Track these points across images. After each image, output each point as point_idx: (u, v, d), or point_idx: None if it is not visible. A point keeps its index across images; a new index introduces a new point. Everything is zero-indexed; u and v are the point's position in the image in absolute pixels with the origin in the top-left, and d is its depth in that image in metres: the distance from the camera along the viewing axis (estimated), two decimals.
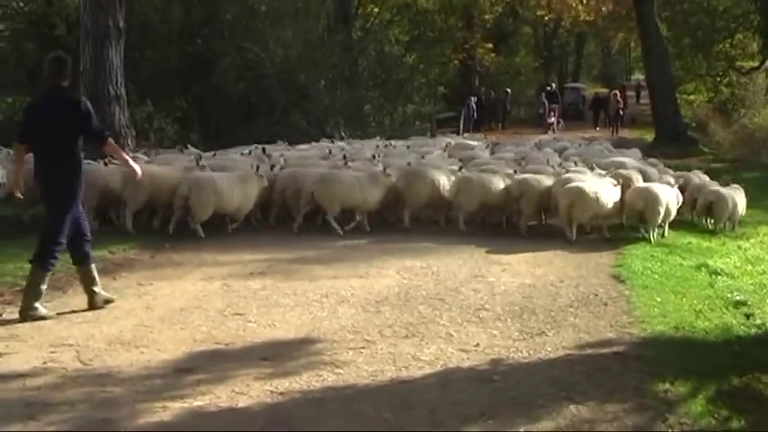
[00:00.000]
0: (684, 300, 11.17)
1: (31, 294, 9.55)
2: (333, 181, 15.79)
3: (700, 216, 17.90)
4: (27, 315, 9.46)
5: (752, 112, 46.08)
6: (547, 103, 48.99)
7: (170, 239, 13.79)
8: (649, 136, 41.08)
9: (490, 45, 54.03)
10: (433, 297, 10.80)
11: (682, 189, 17.28)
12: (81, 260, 10.03)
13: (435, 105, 43.61)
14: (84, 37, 21.35)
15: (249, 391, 7.36)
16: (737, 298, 11.43)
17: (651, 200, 15.20)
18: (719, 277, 12.80)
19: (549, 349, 8.81)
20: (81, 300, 10.15)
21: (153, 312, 9.89)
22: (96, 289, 10.05)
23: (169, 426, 6.59)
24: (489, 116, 49.52)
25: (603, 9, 55.35)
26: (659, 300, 10.99)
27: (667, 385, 7.73)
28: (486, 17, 53.69)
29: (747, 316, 10.59)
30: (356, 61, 36.89)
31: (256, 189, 15.69)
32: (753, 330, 10.04)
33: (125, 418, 6.71)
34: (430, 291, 11.15)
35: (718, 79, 47.59)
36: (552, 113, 48.18)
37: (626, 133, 45.15)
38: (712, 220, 17.68)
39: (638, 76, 78.46)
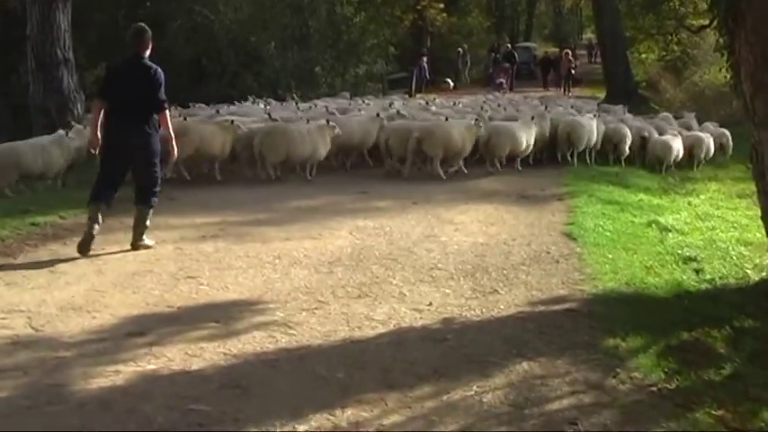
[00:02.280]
0: (635, 256, 11.26)
1: (140, 230, 11.26)
2: (438, 130, 18.01)
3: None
4: (139, 245, 11.19)
5: (702, 70, 46.28)
6: (500, 62, 49.24)
7: (115, 205, 13.72)
8: (601, 94, 41.22)
9: (441, 5, 53.82)
10: (386, 257, 10.83)
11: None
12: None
13: (387, 66, 43.50)
14: (30, 0, 21.08)
15: (202, 354, 7.33)
16: (687, 254, 11.55)
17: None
18: (670, 234, 12.93)
19: (502, 307, 8.85)
20: (31, 266, 10.11)
21: (105, 277, 9.83)
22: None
23: (122, 389, 6.55)
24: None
25: None
26: (610, 257, 11.07)
27: (618, 341, 7.79)
28: None
29: (697, 271, 10.69)
30: (307, 22, 36.68)
31: (328, 139, 17.66)
32: (702, 286, 10.14)
33: (77, 382, 6.66)
34: (383, 251, 11.17)
35: (669, 38, 47.71)
36: (503, 74, 48.34)
37: (577, 92, 45.27)
38: None
39: (590, 36, 78.55)
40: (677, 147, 21.29)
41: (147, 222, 11.35)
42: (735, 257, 11.60)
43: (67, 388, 6.57)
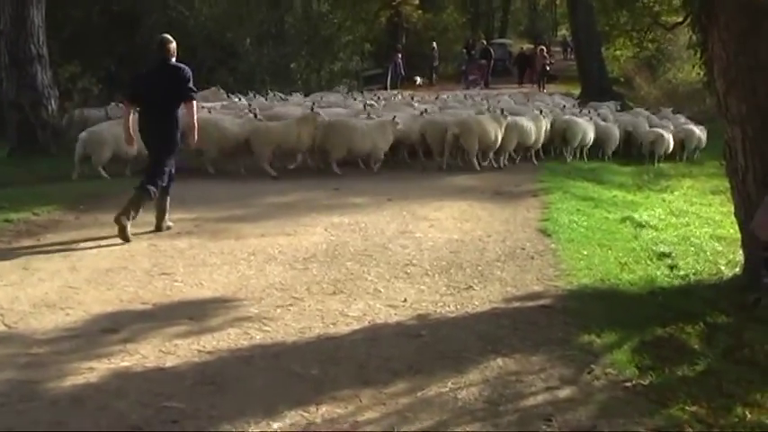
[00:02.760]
0: (610, 252, 11.29)
1: (131, 210, 11.63)
2: (475, 124, 18.82)
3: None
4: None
5: (676, 67, 46.43)
6: (475, 59, 49.46)
7: (89, 201, 13.64)
8: (576, 91, 41.32)
9: (417, 1, 53.84)
10: (361, 253, 10.82)
11: None
12: (163, 192, 12.25)
13: (362, 62, 43.50)
14: None
15: (176, 351, 7.32)
16: (662, 250, 11.59)
17: None
18: (644, 230, 12.98)
19: (477, 303, 8.87)
20: (4, 263, 10.10)
21: (78, 273, 9.79)
22: (165, 217, 12.37)
23: (96, 387, 6.53)
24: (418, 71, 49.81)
25: None
26: (585, 253, 11.11)
27: (593, 337, 7.82)
28: None
29: (671, 267, 10.73)
30: (282, 18, 36.65)
31: (391, 135, 18.45)
32: (676, 281, 10.17)
33: (51, 379, 6.64)
34: (358, 247, 11.17)
35: (644, 35, 47.81)
36: (477, 70, 48.57)
37: (552, 88, 45.34)
38: None
39: (565, 32, 78.69)
40: (669, 139, 22.65)
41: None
42: (708, 253, 11.64)
43: (41, 385, 6.54)
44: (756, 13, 9.11)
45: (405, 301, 8.88)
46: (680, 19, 36.81)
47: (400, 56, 45.93)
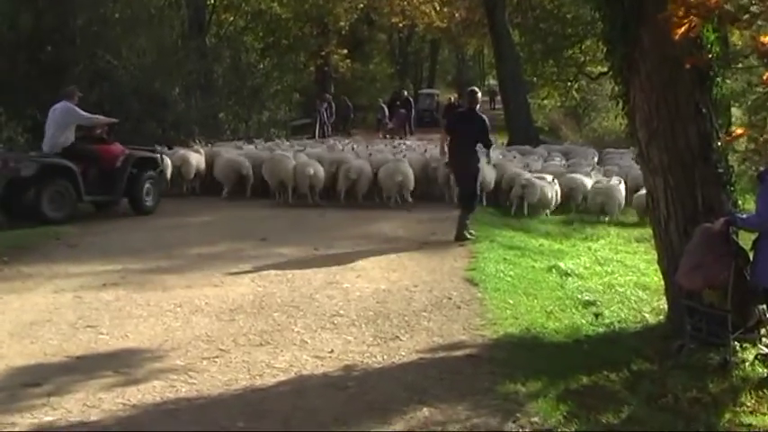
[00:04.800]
0: (536, 301, 11.39)
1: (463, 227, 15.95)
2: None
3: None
4: (462, 236, 15.82)
5: (601, 116, 47.11)
6: (386, 109, 50.00)
7: (12, 252, 13.50)
8: (503, 140, 41.65)
9: (345, 51, 54.08)
10: (288, 304, 10.80)
11: None
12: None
13: (290, 112, 43.52)
14: None
15: (101, 404, 7.26)
16: (587, 298, 11.70)
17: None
18: (570, 278, 13.08)
19: (403, 353, 8.89)
20: None
21: (1, 327, 9.65)
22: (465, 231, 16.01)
23: None
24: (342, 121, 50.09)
25: (457, 15, 55.68)
26: (511, 302, 11.19)
27: (518, 385, 7.88)
28: (341, 24, 53.67)
29: (596, 315, 10.82)
30: (211, 68, 36.57)
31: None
32: (601, 329, 10.27)
33: None
34: (285, 298, 11.15)
35: (569, 84, 48.43)
36: (394, 119, 49.07)
37: None
38: None
39: (493, 82, 79.39)
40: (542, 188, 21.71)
41: (462, 227, 15.92)
42: (633, 301, 11.75)
43: None
44: (676, 65, 9.29)
45: (331, 352, 8.88)
46: (605, 69, 37.42)
47: (326, 105, 46.02)
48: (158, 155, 20.62)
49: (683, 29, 8.03)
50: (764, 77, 9.20)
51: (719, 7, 8.26)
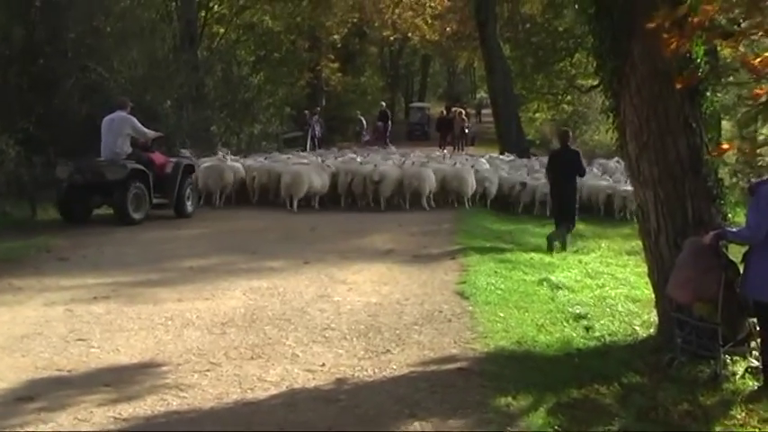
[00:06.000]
0: (527, 314, 11.40)
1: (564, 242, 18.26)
2: None
3: None
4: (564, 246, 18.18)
5: (592, 129, 47.22)
6: (364, 121, 50.00)
7: (3, 265, 13.49)
8: (494, 153, 41.69)
9: (337, 65, 54.12)
10: (279, 318, 10.80)
11: None
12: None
13: (282, 125, 43.52)
14: None
15: (92, 418, 7.25)
16: (578, 311, 11.71)
17: None
18: (560, 291, 13.09)
19: (395, 367, 8.89)
20: None
21: None
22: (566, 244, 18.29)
23: None
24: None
25: (448, 29, 55.90)
26: (502, 315, 11.20)
27: (509, 399, 7.88)
28: (333, 37, 53.70)
29: (587, 329, 10.84)
30: (203, 81, 36.52)
31: None
32: (592, 343, 10.28)
33: None
34: (276, 311, 11.14)
35: (560, 97, 48.55)
36: (368, 132, 49.14)
37: (471, 151, 45.72)
38: None
39: (483, 95, 79.52)
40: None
41: (565, 239, 18.34)
42: (624, 314, 11.76)
43: None
44: (666, 79, 9.33)
45: (323, 365, 8.88)
46: (595, 82, 37.55)
47: (316, 118, 46.00)
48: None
49: (672, 46, 8.05)
50: (754, 92, 9.20)
51: (703, 25, 8.29)
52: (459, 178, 24.60)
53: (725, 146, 10.33)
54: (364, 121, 50.65)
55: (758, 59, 8.01)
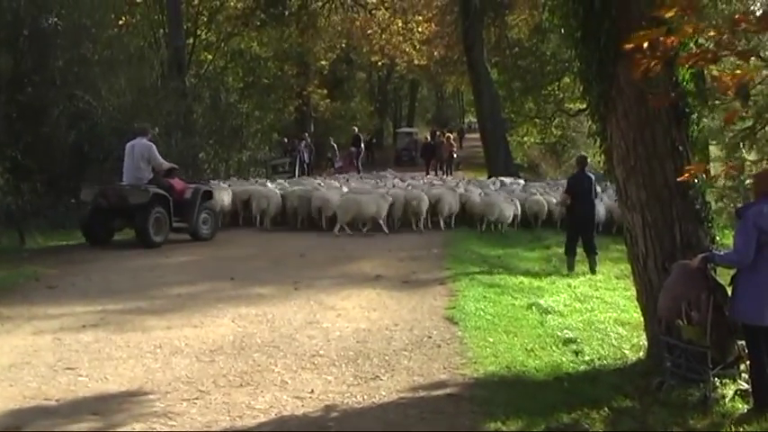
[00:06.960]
0: (516, 339, 11.39)
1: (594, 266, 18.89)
2: None
3: None
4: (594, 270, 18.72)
5: (581, 152, 47.31)
6: (336, 148, 50.14)
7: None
8: (482, 177, 41.75)
9: (325, 91, 54.26)
10: (268, 344, 10.79)
11: None
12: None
13: (270, 152, 43.57)
14: None
15: None
16: (567, 335, 11.71)
17: None
18: (550, 316, 13.08)
19: (384, 393, 8.88)
20: None
21: None
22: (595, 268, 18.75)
23: None
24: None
25: (436, 54, 56.05)
26: (491, 340, 11.20)
27: (499, 424, 7.88)
28: (321, 63, 53.83)
29: (576, 353, 10.83)
30: (191, 108, 36.52)
31: None
32: (581, 367, 10.27)
33: None
34: (265, 338, 11.13)
35: (548, 121, 48.67)
36: (338, 158, 49.30)
37: (460, 175, 45.79)
38: None
39: (472, 119, 79.63)
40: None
41: (594, 266, 18.79)
42: (613, 338, 11.76)
43: None
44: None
45: (312, 392, 8.86)
46: (583, 106, 37.65)
47: (304, 144, 46.05)
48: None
49: (642, 68, 8.05)
50: (725, 116, 9.25)
51: (675, 47, 8.30)
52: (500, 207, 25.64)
53: (693, 168, 10.27)
54: (336, 148, 50.64)
55: (728, 77, 7.98)
